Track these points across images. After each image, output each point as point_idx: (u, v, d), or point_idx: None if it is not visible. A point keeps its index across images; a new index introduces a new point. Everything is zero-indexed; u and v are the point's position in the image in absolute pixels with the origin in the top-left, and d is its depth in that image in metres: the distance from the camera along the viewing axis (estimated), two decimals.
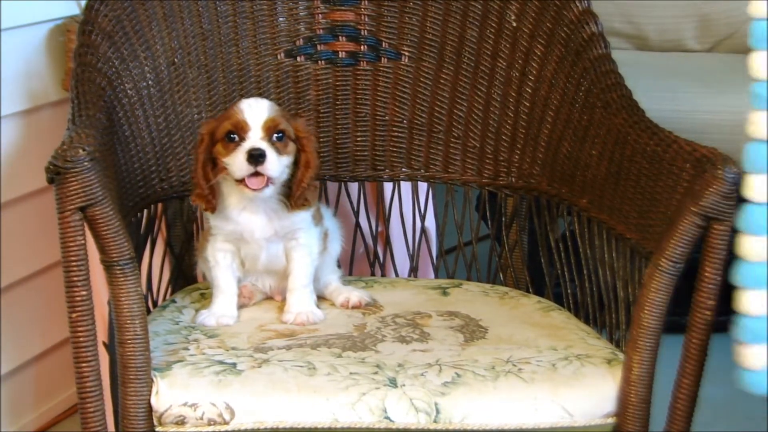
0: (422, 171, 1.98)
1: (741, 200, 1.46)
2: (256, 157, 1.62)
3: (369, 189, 2.10)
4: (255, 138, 1.64)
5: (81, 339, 1.47)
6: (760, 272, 1.37)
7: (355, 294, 1.81)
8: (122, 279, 1.48)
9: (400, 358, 1.59)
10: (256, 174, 1.63)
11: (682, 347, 1.52)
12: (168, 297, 1.88)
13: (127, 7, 1.79)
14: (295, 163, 1.69)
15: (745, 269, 1.39)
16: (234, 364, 1.56)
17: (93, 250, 1.47)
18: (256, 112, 1.65)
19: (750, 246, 1.38)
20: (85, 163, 1.43)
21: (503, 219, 1.96)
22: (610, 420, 1.54)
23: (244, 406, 1.49)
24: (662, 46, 3.20)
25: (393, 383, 1.52)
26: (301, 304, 1.74)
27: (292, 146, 1.68)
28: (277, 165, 1.64)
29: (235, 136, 1.64)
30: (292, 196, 1.70)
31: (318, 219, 1.78)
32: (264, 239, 1.72)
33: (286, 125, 1.67)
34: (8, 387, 2.15)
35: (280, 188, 1.69)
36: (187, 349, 1.62)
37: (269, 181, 1.64)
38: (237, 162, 1.63)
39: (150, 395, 1.50)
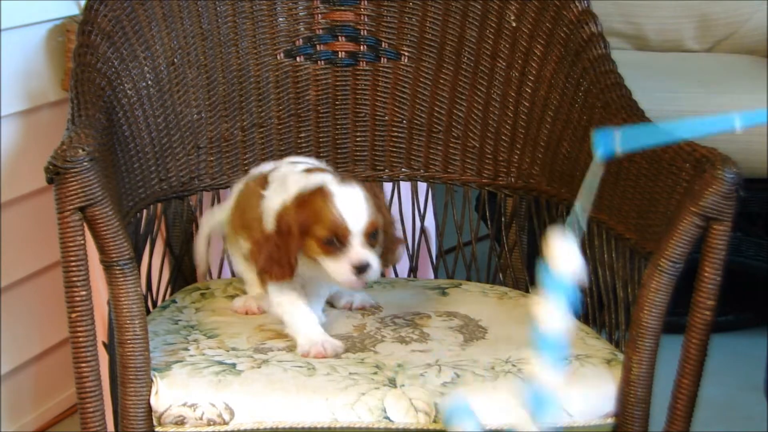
0: (422, 171, 1.98)
1: (740, 200, 1.46)
2: (362, 269, 1.57)
3: None
4: (357, 246, 1.56)
5: (80, 339, 1.47)
6: None
7: (358, 297, 1.79)
8: (122, 279, 1.48)
9: (399, 359, 1.59)
10: None
11: (681, 347, 1.52)
12: (167, 297, 1.88)
13: (126, 8, 1.79)
14: None
15: None
16: (234, 365, 1.56)
17: (92, 250, 1.47)
18: (356, 215, 1.57)
19: None
20: (85, 164, 1.43)
21: (503, 219, 1.96)
22: (610, 420, 1.54)
23: (244, 407, 1.49)
24: (662, 47, 3.20)
25: (392, 383, 1.52)
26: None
27: (381, 235, 1.62)
28: (378, 268, 1.59)
29: (335, 240, 1.57)
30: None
31: None
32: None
33: (379, 219, 1.60)
34: (8, 387, 2.15)
35: None
36: (186, 349, 1.62)
37: None
38: (340, 270, 1.57)
39: (149, 395, 1.50)
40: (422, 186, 1.99)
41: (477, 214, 2.00)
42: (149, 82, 1.81)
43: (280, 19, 1.95)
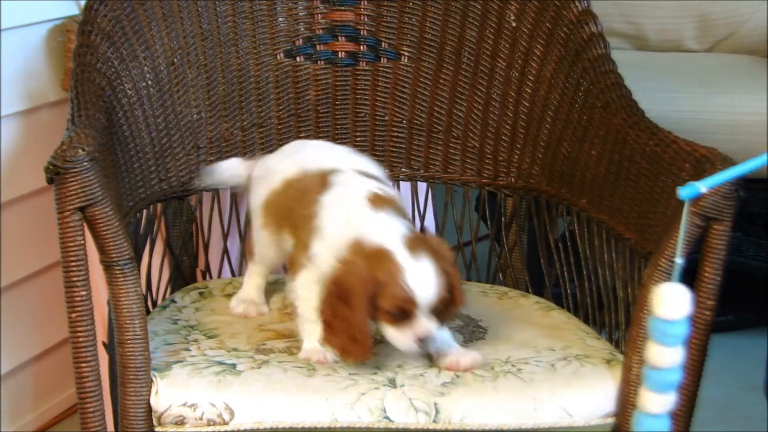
0: (421, 171, 1.98)
1: (740, 200, 1.46)
2: (424, 340, 1.53)
3: None
4: (423, 318, 1.51)
5: (80, 339, 1.47)
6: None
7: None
8: (122, 279, 1.48)
9: (399, 359, 1.59)
10: None
11: None
12: (167, 297, 1.88)
13: (126, 8, 1.79)
14: None
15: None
16: (234, 365, 1.56)
17: (92, 250, 1.47)
18: (425, 291, 1.50)
19: None
20: (85, 164, 1.43)
21: (502, 219, 1.96)
22: (610, 420, 1.54)
23: (244, 407, 1.49)
24: (662, 47, 3.20)
25: (392, 383, 1.52)
26: (453, 346, 1.64)
27: (447, 294, 1.55)
28: (438, 335, 1.55)
29: (398, 314, 1.51)
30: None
31: None
32: None
33: (446, 293, 1.54)
34: (8, 387, 2.15)
35: None
36: (187, 349, 1.62)
37: None
38: (403, 339, 1.52)
39: (149, 395, 1.50)
40: (422, 186, 1.99)
41: (477, 214, 2.00)
42: (149, 82, 1.81)
43: (280, 19, 1.95)
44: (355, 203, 1.59)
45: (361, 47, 1.97)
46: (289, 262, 1.67)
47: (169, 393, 1.50)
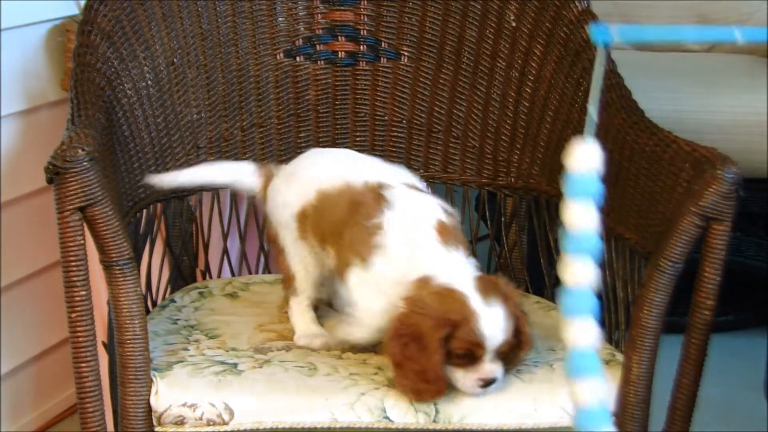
0: (421, 171, 1.98)
1: (739, 200, 1.46)
2: (488, 383, 1.51)
3: None
4: (489, 362, 1.50)
5: (80, 339, 1.47)
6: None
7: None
8: (121, 279, 1.48)
9: None
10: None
11: (681, 347, 1.52)
12: (167, 297, 1.88)
13: (126, 8, 1.79)
14: None
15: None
16: (234, 365, 1.56)
17: (92, 250, 1.47)
18: (494, 335, 1.49)
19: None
20: (84, 163, 1.43)
21: (502, 219, 1.96)
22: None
23: (243, 407, 1.49)
24: (661, 46, 3.20)
25: (392, 383, 1.52)
26: None
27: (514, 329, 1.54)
28: (502, 381, 1.53)
29: (463, 354, 1.49)
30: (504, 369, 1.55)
31: None
32: None
33: (514, 337, 1.53)
34: (8, 387, 2.15)
35: None
36: (186, 349, 1.62)
37: None
38: (467, 383, 1.50)
39: (149, 395, 1.50)
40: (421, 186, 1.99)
41: (477, 213, 2.00)
42: (149, 82, 1.81)
43: (280, 18, 1.95)
44: (424, 234, 1.57)
45: (361, 47, 1.97)
46: (336, 270, 1.62)
47: (168, 393, 1.50)
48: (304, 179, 1.69)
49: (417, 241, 1.56)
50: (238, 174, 1.79)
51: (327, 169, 1.69)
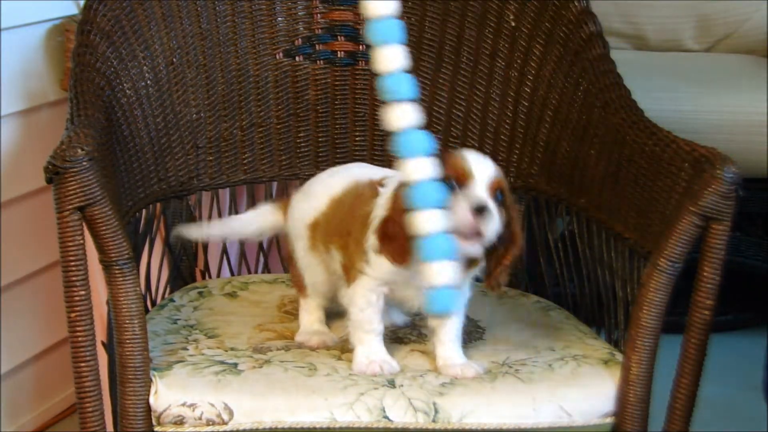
0: None
1: (739, 200, 1.46)
2: (481, 211, 1.46)
3: None
4: (479, 190, 1.48)
5: (80, 338, 1.47)
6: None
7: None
8: (121, 279, 1.48)
9: (398, 359, 1.59)
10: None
11: (680, 347, 1.52)
12: (166, 296, 1.88)
13: (125, 7, 1.79)
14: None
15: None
16: (234, 365, 1.56)
17: (92, 250, 1.47)
18: (482, 166, 1.50)
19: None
20: (84, 163, 1.43)
21: None
22: (609, 420, 1.54)
23: (243, 407, 1.49)
24: (661, 46, 3.20)
25: (391, 384, 1.52)
26: (458, 357, 1.59)
27: (504, 214, 1.51)
28: (497, 226, 1.47)
29: (454, 183, 1.48)
30: (489, 274, 1.54)
31: None
32: None
33: (507, 188, 1.52)
34: (7, 386, 2.15)
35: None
36: (186, 349, 1.62)
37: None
38: (458, 213, 1.46)
39: (148, 395, 1.50)
40: None
41: None
42: (148, 82, 1.81)
43: (279, 18, 1.95)
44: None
45: (360, 47, 1.97)
46: (344, 269, 1.61)
47: (168, 393, 1.50)
48: (318, 191, 1.70)
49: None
50: (261, 219, 1.80)
51: (341, 179, 1.70)
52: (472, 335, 1.70)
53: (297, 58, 1.97)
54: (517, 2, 1.89)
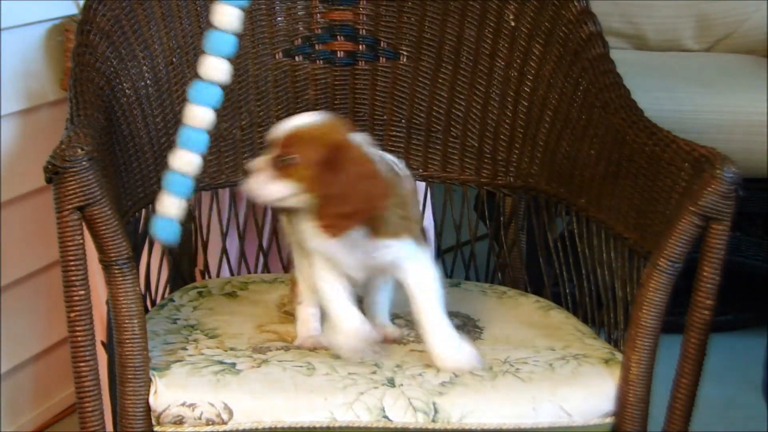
0: (420, 170, 1.98)
1: (739, 200, 1.46)
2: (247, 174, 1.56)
3: None
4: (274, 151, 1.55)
5: (79, 338, 1.47)
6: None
7: (394, 333, 1.66)
8: (120, 279, 1.48)
9: (398, 359, 1.59)
10: None
11: (680, 347, 1.52)
12: (166, 296, 1.88)
13: (125, 7, 1.79)
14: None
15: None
16: (233, 364, 1.56)
17: (91, 250, 1.47)
18: (281, 129, 1.58)
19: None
20: (84, 163, 1.43)
21: (501, 218, 1.96)
22: (609, 420, 1.54)
23: (242, 406, 1.49)
24: (660, 46, 3.20)
25: (391, 383, 1.52)
26: (454, 347, 1.57)
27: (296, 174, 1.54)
28: (276, 188, 1.54)
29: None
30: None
31: (422, 239, 1.61)
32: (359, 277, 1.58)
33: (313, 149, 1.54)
34: (7, 386, 2.15)
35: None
36: (185, 348, 1.62)
37: None
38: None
39: (148, 395, 1.50)
40: (421, 185, 1.99)
41: (476, 213, 2.00)
42: (148, 82, 1.81)
43: (279, 18, 1.95)
44: None
45: (360, 47, 1.97)
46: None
47: (167, 393, 1.50)
48: None
49: None
50: None
51: None
52: (472, 335, 1.70)
53: (296, 58, 1.97)
54: (516, 2, 1.89)
